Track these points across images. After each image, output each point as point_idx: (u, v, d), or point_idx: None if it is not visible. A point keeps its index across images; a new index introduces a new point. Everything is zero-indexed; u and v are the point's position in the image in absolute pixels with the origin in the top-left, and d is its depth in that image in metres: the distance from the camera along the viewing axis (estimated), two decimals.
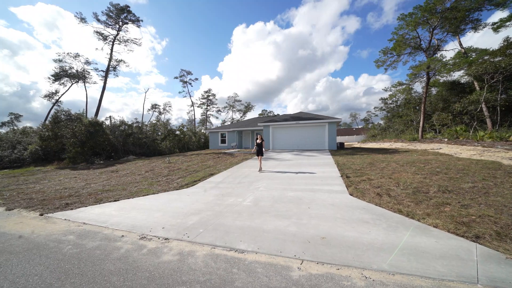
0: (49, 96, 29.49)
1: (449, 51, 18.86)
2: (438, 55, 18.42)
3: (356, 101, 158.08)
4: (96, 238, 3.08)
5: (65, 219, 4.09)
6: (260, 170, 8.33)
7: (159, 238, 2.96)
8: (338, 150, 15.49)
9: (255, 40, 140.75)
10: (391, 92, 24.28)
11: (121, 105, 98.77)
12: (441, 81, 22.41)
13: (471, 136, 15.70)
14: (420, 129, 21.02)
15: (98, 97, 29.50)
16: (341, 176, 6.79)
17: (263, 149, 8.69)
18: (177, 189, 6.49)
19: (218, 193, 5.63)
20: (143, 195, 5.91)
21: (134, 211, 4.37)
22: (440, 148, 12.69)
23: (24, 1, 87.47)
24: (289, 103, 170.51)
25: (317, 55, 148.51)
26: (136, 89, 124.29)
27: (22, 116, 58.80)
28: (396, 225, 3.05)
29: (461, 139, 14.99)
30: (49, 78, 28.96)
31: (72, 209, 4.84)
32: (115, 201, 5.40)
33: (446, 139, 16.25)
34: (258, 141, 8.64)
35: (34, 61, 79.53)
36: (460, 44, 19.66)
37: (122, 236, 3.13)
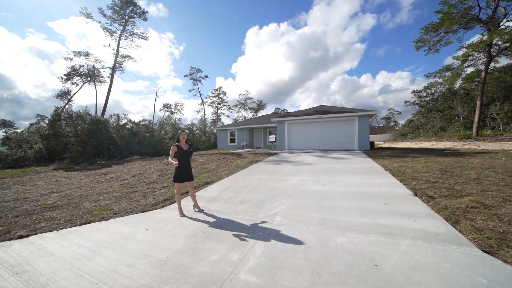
0: (61, 95, 29.46)
1: None
2: (504, 27, 14.19)
3: (372, 100, 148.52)
4: None
5: None
6: (197, 209, 3.83)
7: None
8: (372, 150, 12.29)
9: (268, 41, 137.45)
10: (436, 79, 19.97)
11: (141, 107, 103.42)
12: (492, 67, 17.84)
13: None
14: (474, 125, 16.85)
15: (110, 96, 28.79)
16: (415, 194, 3.94)
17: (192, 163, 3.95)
18: (144, 211, 4.12)
19: (200, 227, 3.12)
20: (82, 223, 3.60)
21: None
22: None
23: (59, 16, 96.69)
24: (302, 103, 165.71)
25: (332, 54, 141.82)
26: (155, 91, 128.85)
27: (47, 118, 62.02)
28: None
29: None
30: (61, 77, 28.91)
31: None
32: (20, 238, 3.12)
33: None
34: (184, 146, 3.82)
35: (66, 67, 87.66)
36: None
37: None
